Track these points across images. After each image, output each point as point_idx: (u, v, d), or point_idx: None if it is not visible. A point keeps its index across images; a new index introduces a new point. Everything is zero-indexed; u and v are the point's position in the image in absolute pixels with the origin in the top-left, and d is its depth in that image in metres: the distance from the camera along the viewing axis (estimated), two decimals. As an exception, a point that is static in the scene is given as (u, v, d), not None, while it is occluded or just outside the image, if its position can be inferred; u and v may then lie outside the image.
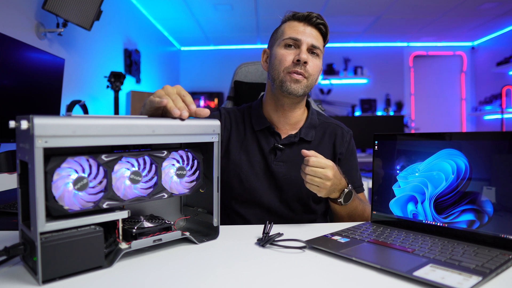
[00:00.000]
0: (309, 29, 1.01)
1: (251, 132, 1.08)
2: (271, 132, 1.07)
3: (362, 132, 3.81)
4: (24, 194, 0.57)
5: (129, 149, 0.67)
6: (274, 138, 1.06)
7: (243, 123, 1.11)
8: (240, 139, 1.08)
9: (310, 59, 1.00)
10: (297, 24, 1.01)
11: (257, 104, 1.12)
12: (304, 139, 1.06)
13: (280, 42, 1.02)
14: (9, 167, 1.21)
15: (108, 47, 3.19)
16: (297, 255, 0.68)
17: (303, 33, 1.00)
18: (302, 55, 0.97)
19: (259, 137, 1.07)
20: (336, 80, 5.59)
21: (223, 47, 5.57)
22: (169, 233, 0.70)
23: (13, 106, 1.38)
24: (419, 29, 4.86)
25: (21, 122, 0.52)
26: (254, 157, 1.06)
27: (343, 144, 1.11)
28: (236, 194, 1.05)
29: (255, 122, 1.08)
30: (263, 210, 1.04)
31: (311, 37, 1.00)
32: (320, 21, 1.02)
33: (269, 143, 1.06)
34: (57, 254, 0.55)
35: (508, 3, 3.90)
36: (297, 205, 1.05)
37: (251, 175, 1.04)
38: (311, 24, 1.01)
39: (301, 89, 1.00)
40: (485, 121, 5.34)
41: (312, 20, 1.01)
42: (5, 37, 1.33)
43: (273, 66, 1.03)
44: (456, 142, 0.75)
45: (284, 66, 1.00)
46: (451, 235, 0.73)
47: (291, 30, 1.01)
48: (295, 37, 0.99)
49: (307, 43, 0.99)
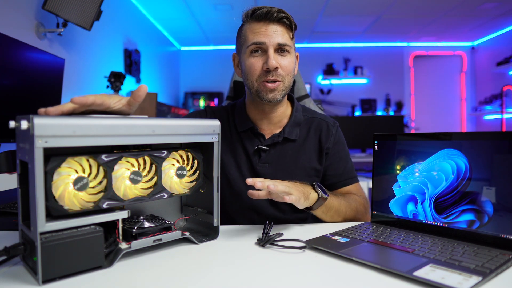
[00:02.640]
0: (272, 27, 0.94)
1: (235, 133, 1.06)
2: (255, 133, 1.05)
3: (362, 132, 3.81)
4: (24, 194, 0.57)
5: (129, 149, 0.67)
6: (258, 139, 1.04)
7: (228, 123, 1.08)
8: (227, 140, 1.06)
9: (280, 60, 0.95)
10: (258, 25, 0.95)
11: (241, 104, 1.09)
12: (288, 138, 1.04)
13: (246, 49, 0.97)
14: (9, 167, 1.21)
15: (108, 47, 3.19)
16: (297, 255, 0.68)
17: (266, 35, 0.94)
18: (270, 62, 0.93)
19: (243, 139, 1.05)
20: (336, 80, 5.59)
21: (223, 47, 5.58)
22: (169, 233, 0.70)
23: (13, 106, 1.38)
24: (419, 29, 4.86)
25: (21, 122, 0.52)
26: (240, 159, 1.04)
27: (329, 138, 1.07)
28: (225, 196, 1.03)
29: (238, 123, 1.06)
30: (252, 212, 1.03)
31: (276, 36, 0.94)
32: (282, 15, 0.95)
33: (253, 145, 1.04)
34: (57, 254, 0.55)
35: (508, 3, 3.90)
36: (285, 205, 1.03)
37: (238, 177, 1.03)
38: (272, 21, 0.94)
39: (279, 95, 0.97)
40: (485, 121, 5.34)
41: (273, 16, 0.94)
42: (5, 37, 1.33)
43: (245, 75, 1.00)
44: (456, 142, 0.75)
45: (255, 75, 0.96)
46: (451, 235, 0.73)
47: (253, 34, 0.95)
48: (259, 41, 0.94)
49: (273, 45, 0.94)
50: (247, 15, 0.98)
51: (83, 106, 0.59)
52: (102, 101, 0.60)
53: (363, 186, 3.10)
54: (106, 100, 0.61)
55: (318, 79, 5.60)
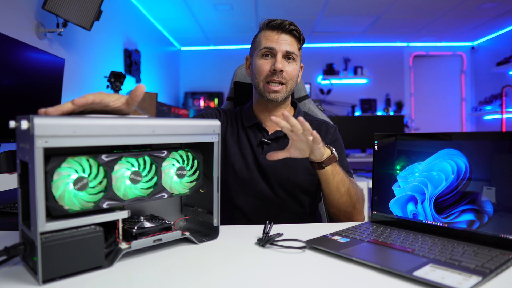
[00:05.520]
0: (283, 36, 1.09)
1: (242, 128, 1.19)
2: (259, 128, 1.17)
3: (362, 132, 3.81)
4: (24, 194, 0.57)
5: (129, 149, 0.67)
6: (262, 133, 1.16)
7: (236, 121, 1.22)
8: (235, 135, 1.18)
9: (286, 65, 1.09)
10: (271, 33, 1.10)
11: (248, 105, 1.23)
12: None
13: (258, 52, 1.11)
14: (9, 167, 1.22)
15: (108, 47, 3.18)
16: (297, 255, 0.68)
17: (277, 42, 1.08)
18: (277, 65, 1.06)
19: (248, 133, 1.17)
20: (336, 80, 5.59)
21: (223, 47, 5.56)
22: (169, 233, 0.70)
23: (13, 106, 1.38)
24: (419, 29, 4.86)
25: (21, 122, 0.52)
26: (246, 150, 1.15)
27: (327, 136, 1.18)
28: (231, 185, 1.13)
29: (245, 119, 1.19)
30: (256, 199, 1.11)
31: (285, 44, 1.08)
32: (293, 27, 1.10)
33: (257, 138, 1.15)
34: (57, 254, 0.55)
35: (508, 3, 3.90)
36: (284, 194, 1.11)
37: (243, 167, 1.13)
38: (284, 31, 1.09)
39: (281, 96, 1.10)
40: (485, 121, 5.34)
41: (285, 27, 1.09)
42: (5, 37, 1.33)
43: (253, 75, 1.14)
44: (456, 142, 0.75)
45: (262, 75, 1.10)
46: (451, 235, 0.73)
47: (266, 40, 1.10)
48: (270, 46, 1.08)
49: (281, 51, 1.08)
50: (264, 25, 1.13)
51: (84, 106, 0.59)
52: (101, 99, 0.61)
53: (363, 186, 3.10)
54: (105, 98, 0.62)
55: (318, 79, 5.60)
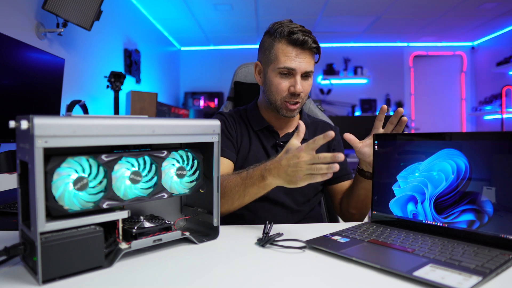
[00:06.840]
0: (303, 55, 1.02)
1: (252, 131, 1.16)
2: (270, 131, 1.15)
3: (362, 132, 3.80)
4: (24, 194, 0.57)
5: (129, 149, 0.67)
6: (273, 136, 1.15)
7: (244, 123, 1.18)
8: (245, 137, 1.16)
9: (304, 85, 1.05)
10: (291, 50, 1.01)
11: (253, 107, 1.20)
12: None
13: (275, 69, 1.04)
14: (9, 167, 1.21)
15: (108, 47, 3.18)
16: (297, 255, 0.68)
17: (298, 62, 1.01)
18: (297, 87, 1.02)
19: (259, 136, 1.15)
20: (336, 80, 5.59)
21: (223, 47, 5.56)
22: (169, 233, 0.70)
23: (13, 106, 1.38)
24: (419, 29, 4.86)
25: (21, 122, 0.52)
26: (259, 153, 1.13)
27: (335, 138, 1.18)
28: None
29: (253, 123, 1.16)
30: (269, 202, 1.09)
31: (305, 64, 1.02)
32: (315, 46, 1.03)
33: (270, 141, 1.14)
34: (57, 254, 0.55)
35: (508, 3, 3.90)
36: (299, 196, 1.11)
37: None
38: (305, 49, 1.02)
39: (296, 112, 1.09)
40: (485, 121, 5.34)
41: (307, 45, 1.01)
42: (5, 37, 1.33)
43: (269, 90, 1.08)
44: (456, 142, 0.75)
45: (280, 95, 1.06)
46: (451, 235, 0.73)
47: (285, 57, 1.02)
48: (290, 66, 1.01)
49: (301, 71, 1.02)
50: (283, 34, 1.02)
51: None
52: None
53: (363, 186, 3.07)
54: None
55: (318, 79, 5.60)
